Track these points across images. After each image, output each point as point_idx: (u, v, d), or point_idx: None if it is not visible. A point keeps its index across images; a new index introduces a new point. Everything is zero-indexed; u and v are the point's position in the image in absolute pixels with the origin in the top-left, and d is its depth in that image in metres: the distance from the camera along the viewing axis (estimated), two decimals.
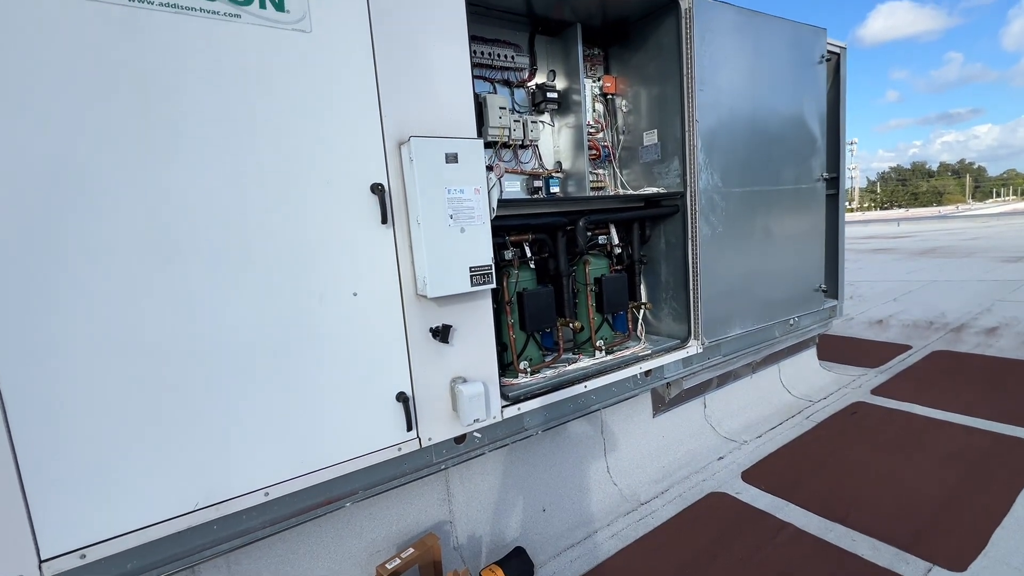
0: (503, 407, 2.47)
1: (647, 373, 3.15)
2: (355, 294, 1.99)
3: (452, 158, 2.03)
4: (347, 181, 1.93)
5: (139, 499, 1.65)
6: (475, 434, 2.42)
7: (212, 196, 1.69)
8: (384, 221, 1.98)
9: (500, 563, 2.36)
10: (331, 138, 1.89)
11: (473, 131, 2.18)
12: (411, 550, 2.17)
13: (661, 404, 3.47)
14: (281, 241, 1.82)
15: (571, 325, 2.89)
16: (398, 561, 2.11)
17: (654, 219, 3.37)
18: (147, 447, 1.64)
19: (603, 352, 3.13)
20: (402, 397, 2.11)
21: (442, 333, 2.16)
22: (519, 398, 2.56)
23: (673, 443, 3.47)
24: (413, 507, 2.46)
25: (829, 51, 3.92)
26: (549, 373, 2.87)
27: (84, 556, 1.58)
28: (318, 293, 1.91)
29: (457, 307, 2.23)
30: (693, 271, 3.23)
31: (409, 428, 2.12)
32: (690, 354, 3.32)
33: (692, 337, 3.34)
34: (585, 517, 2.82)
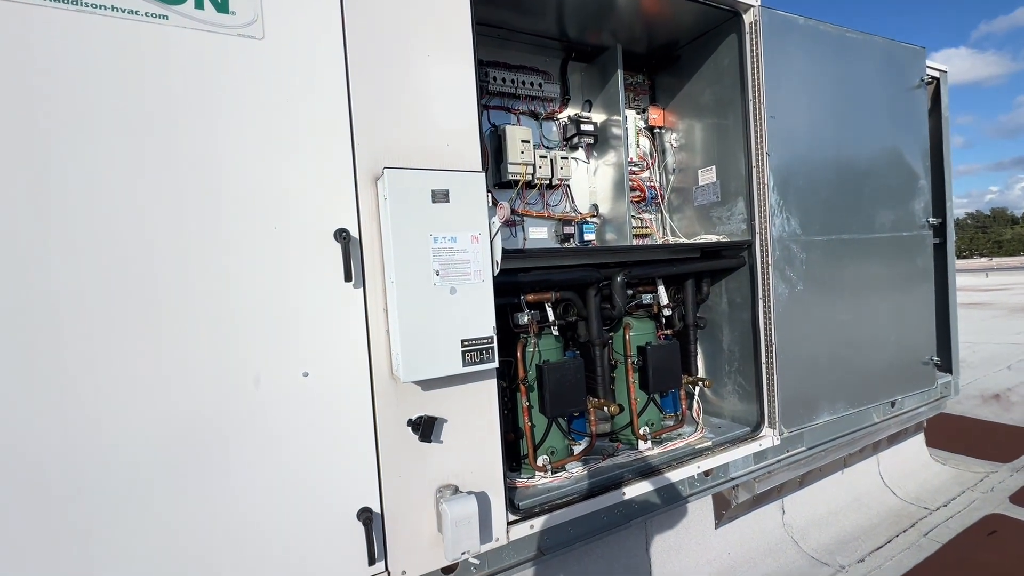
0: (510, 523, 1.85)
1: (707, 473, 2.43)
2: (305, 375, 1.48)
3: (441, 196, 1.53)
4: (300, 225, 1.47)
5: None
6: (471, 560, 1.80)
7: (102, 234, 1.25)
8: (348, 278, 1.49)
9: None
10: (282, 169, 1.45)
11: (476, 162, 1.69)
12: None
13: (725, 509, 2.70)
14: (202, 302, 1.36)
15: (606, 408, 2.25)
16: None
17: (714, 273, 2.73)
18: None
19: (648, 442, 2.44)
20: (365, 515, 1.54)
21: (424, 428, 1.60)
22: (533, 510, 1.93)
23: (742, 562, 2.66)
24: None
25: (929, 75, 3.25)
26: (577, 470, 2.22)
27: None
28: (252, 373, 1.41)
29: (447, 392, 1.68)
30: (767, 339, 2.54)
31: (373, 561, 1.54)
32: (764, 447, 2.57)
33: (765, 424, 2.60)
34: None
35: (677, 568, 2.50)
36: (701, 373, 2.86)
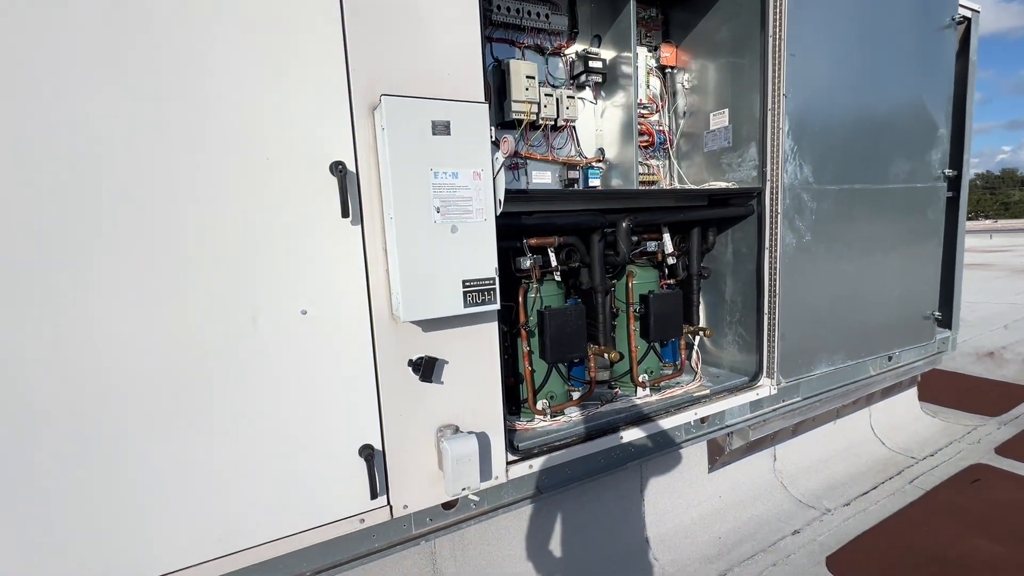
0: (510, 462, 1.88)
1: (703, 420, 2.46)
2: (304, 312, 1.45)
3: (442, 128, 1.45)
4: (294, 157, 1.40)
5: None
6: (471, 497, 1.84)
7: (85, 166, 1.19)
8: (345, 214, 1.43)
9: None
10: (273, 95, 1.36)
11: (479, 92, 1.60)
12: None
13: (719, 455, 2.76)
14: (197, 235, 1.31)
15: (607, 355, 2.25)
16: None
17: (721, 222, 2.66)
18: None
19: (647, 389, 2.46)
20: (367, 452, 1.56)
21: (424, 368, 1.59)
22: (532, 451, 1.96)
23: (732, 506, 2.75)
24: None
25: (960, 14, 3.06)
26: (575, 415, 2.24)
27: None
28: (250, 310, 1.38)
29: (448, 333, 1.66)
30: (770, 290, 2.51)
31: (375, 495, 1.57)
32: (761, 396, 2.59)
33: (764, 374, 2.61)
34: None
35: (668, 507, 2.59)
36: (702, 323, 2.85)
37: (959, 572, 2.26)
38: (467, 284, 1.54)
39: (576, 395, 2.36)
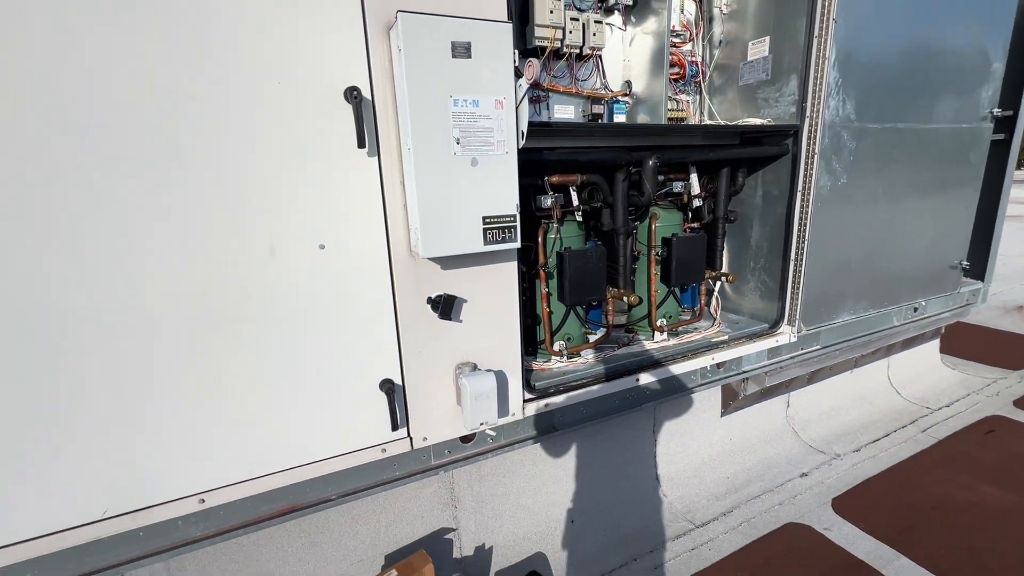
0: (526, 400, 1.91)
1: (719, 365, 2.45)
2: (322, 247, 1.43)
3: (462, 50, 1.35)
4: (306, 81, 1.32)
5: (21, 508, 1.25)
6: (488, 432, 1.88)
7: (86, 91, 1.14)
8: (361, 144, 1.37)
9: None
10: (280, 7, 1.27)
11: (502, 10, 1.47)
12: (394, 573, 1.72)
13: (733, 400, 2.78)
14: (210, 164, 1.27)
15: (626, 299, 2.22)
16: None
17: (753, 162, 2.53)
18: (30, 447, 1.22)
19: (664, 334, 2.45)
20: (387, 386, 1.59)
21: (443, 306, 1.58)
22: (548, 390, 1.98)
23: (742, 448, 2.80)
24: (408, 512, 2.01)
25: None
26: (591, 357, 2.25)
27: None
28: (267, 243, 1.36)
29: (467, 272, 1.63)
30: (799, 235, 2.41)
31: (395, 427, 1.61)
32: (780, 344, 2.57)
33: (785, 321, 2.57)
34: (624, 536, 2.27)
35: (679, 449, 2.64)
36: (725, 269, 2.78)
37: (967, 519, 2.30)
38: (487, 221, 1.49)
39: (593, 338, 2.36)
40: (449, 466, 1.85)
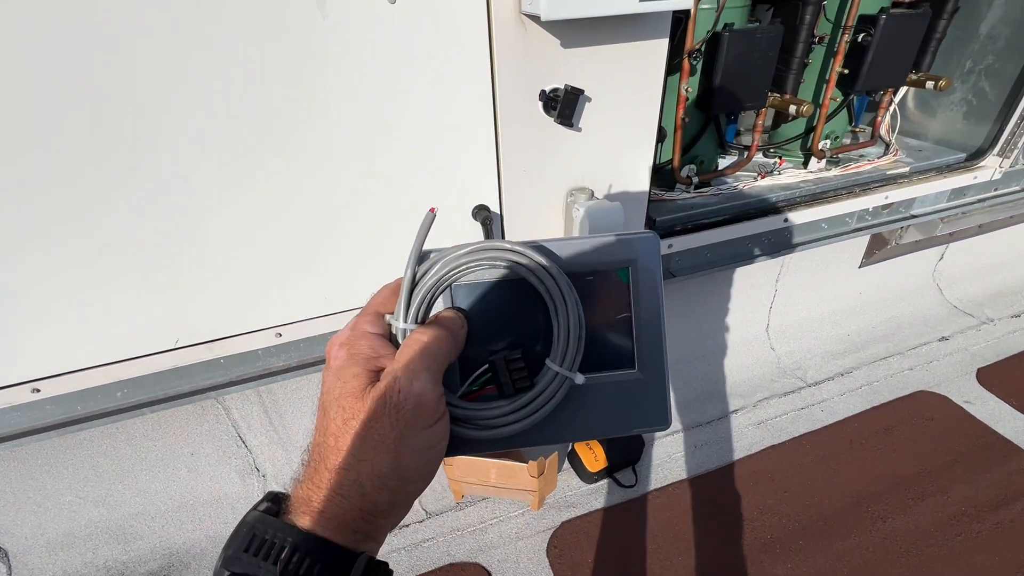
0: None
1: (887, 206, 1.90)
2: (393, 1, 0.93)
3: None
4: None
5: (101, 332, 1.10)
6: None
7: None
8: None
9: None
10: None
11: None
12: None
13: (879, 249, 2.27)
14: None
15: (793, 108, 1.61)
16: None
17: None
18: (108, 276, 1.00)
19: (823, 162, 1.87)
20: (483, 214, 1.23)
21: (564, 104, 1.10)
22: (675, 228, 1.57)
23: (872, 303, 2.39)
24: None
25: None
26: (726, 188, 1.76)
27: (38, 390, 1.13)
28: None
29: (599, 51, 1.10)
30: None
31: None
32: (979, 180, 1.94)
33: (995, 151, 1.90)
34: (723, 388, 2.08)
35: (799, 299, 2.27)
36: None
37: None
38: None
39: (729, 163, 1.83)
40: None
